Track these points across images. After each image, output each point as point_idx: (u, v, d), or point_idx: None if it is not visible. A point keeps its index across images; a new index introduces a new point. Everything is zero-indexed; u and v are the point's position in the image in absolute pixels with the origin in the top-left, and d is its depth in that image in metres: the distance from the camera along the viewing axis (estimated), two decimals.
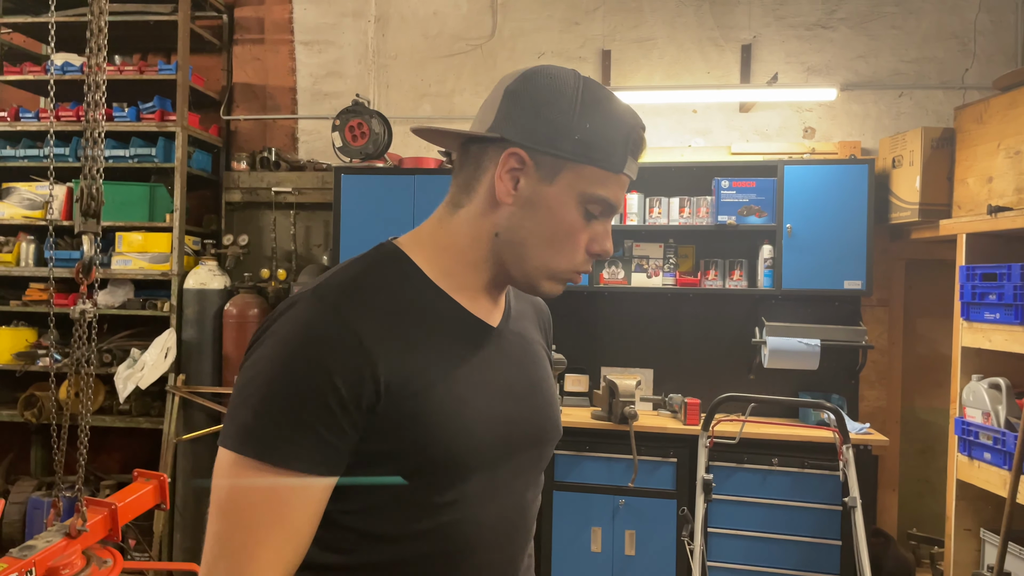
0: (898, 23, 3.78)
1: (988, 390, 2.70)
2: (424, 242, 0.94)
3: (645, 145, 0.91)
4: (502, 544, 0.93)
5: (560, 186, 0.87)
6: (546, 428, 1.00)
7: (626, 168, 0.88)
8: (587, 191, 0.87)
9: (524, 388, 0.97)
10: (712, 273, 3.65)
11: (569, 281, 0.94)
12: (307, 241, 4.20)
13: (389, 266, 0.91)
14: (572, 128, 0.86)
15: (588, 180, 0.87)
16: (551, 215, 0.88)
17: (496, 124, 0.88)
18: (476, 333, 0.93)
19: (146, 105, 3.98)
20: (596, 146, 0.86)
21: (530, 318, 1.09)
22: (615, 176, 0.88)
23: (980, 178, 2.93)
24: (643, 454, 3.27)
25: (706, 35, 3.95)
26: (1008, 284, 2.58)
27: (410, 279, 0.91)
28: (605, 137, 0.87)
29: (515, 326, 1.01)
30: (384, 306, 0.86)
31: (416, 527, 0.85)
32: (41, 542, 2.27)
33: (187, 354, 3.86)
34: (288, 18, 4.36)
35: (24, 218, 4.01)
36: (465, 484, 0.87)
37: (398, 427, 0.82)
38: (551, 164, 0.87)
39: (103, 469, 4.19)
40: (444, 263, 0.92)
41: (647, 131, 0.93)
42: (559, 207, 0.88)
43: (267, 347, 0.81)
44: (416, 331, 0.86)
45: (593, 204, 0.88)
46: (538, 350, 1.06)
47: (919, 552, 3.54)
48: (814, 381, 3.66)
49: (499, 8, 4.12)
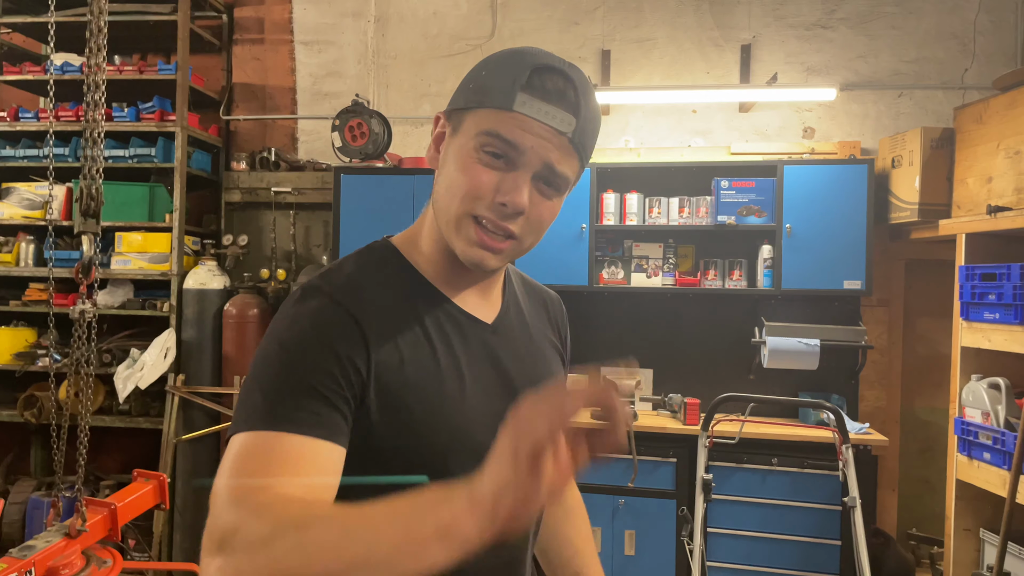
0: (898, 23, 3.78)
1: (988, 390, 2.69)
2: (415, 238, 0.96)
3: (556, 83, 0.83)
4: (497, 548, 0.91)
5: (461, 135, 0.87)
6: None
7: (517, 105, 0.82)
8: (478, 130, 0.85)
9: (523, 384, 0.96)
10: (712, 273, 3.65)
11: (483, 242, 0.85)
12: (307, 241, 4.20)
13: (382, 263, 0.93)
14: (471, 79, 0.89)
15: (481, 121, 0.85)
16: (453, 163, 0.87)
17: None
18: (468, 329, 0.93)
19: (146, 105, 3.98)
20: (488, 89, 0.85)
21: (540, 315, 1.08)
22: (509, 115, 0.83)
23: (980, 178, 2.93)
24: (643, 454, 3.27)
25: (706, 35, 3.95)
26: (1008, 284, 2.58)
27: (401, 276, 0.92)
28: (498, 79, 0.85)
29: (515, 322, 1.01)
30: (376, 300, 0.87)
31: None
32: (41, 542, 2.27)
33: (187, 354, 3.86)
34: (288, 18, 4.36)
35: (24, 218, 4.01)
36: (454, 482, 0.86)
37: (388, 421, 0.83)
38: (457, 118, 0.89)
39: (103, 469, 4.18)
40: (432, 256, 0.93)
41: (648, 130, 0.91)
42: (458, 153, 0.87)
43: (267, 340, 0.83)
44: (406, 326, 0.87)
45: (487, 143, 0.84)
46: (543, 347, 1.05)
47: (919, 552, 3.54)
48: (814, 381, 3.66)
49: (499, 8, 4.12)
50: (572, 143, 0.84)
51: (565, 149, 0.85)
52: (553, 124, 0.83)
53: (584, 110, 0.84)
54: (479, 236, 0.85)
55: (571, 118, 0.84)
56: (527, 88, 0.83)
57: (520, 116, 0.83)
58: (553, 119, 0.83)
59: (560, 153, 0.84)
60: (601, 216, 3.67)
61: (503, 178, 0.84)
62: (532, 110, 0.83)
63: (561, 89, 0.83)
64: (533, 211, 0.86)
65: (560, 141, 0.84)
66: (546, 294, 1.15)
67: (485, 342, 0.94)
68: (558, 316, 1.13)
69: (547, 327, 1.09)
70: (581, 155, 0.87)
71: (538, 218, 0.88)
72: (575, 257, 3.64)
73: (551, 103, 0.83)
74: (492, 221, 0.85)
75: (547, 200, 0.87)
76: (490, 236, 0.85)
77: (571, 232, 3.64)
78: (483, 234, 0.85)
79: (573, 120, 0.84)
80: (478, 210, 0.85)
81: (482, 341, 0.94)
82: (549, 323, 1.10)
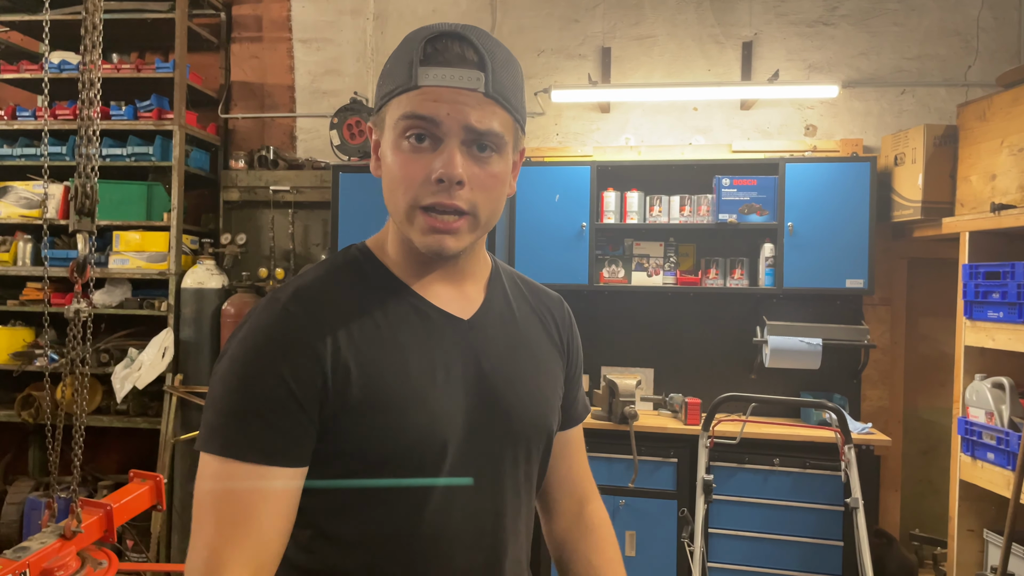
0: (900, 20, 3.75)
1: (991, 389, 2.67)
2: (383, 242, 0.96)
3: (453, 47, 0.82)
4: (471, 552, 0.90)
5: (386, 132, 0.87)
6: (522, 424, 0.95)
7: (421, 80, 0.82)
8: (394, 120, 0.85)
9: (499, 382, 0.93)
10: (713, 272, 3.63)
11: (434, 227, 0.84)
12: (305, 240, 4.18)
13: (351, 267, 0.93)
14: (380, 78, 0.89)
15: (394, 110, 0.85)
16: (385, 163, 0.88)
17: None
18: (442, 327, 0.91)
19: (143, 103, 3.96)
20: (391, 79, 0.86)
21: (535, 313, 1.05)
22: (416, 92, 0.82)
23: (983, 175, 2.90)
24: (643, 454, 3.25)
25: (707, 32, 3.93)
26: (1012, 282, 2.55)
27: (372, 277, 0.92)
28: (398, 65, 0.85)
29: (499, 318, 0.98)
30: (339, 308, 0.87)
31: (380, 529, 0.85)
32: (35, 543, 2.25)
33: (185, 354, 3.84)
34: (286, 16, 4.34)
35: (21, 217, 3.99)
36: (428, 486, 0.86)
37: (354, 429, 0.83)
38: (379, 120, 0.89)
39: (100, 470, 4.17)
40: (398, 257, 0.93)
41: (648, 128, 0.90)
42: (388, 152, 0.87)
43: (227, 354, 0.84)
44: (372, 328, 0.87)
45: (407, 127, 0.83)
46: (534, 344, 1.01)
47: (922, 553, 3.51)
48: (816, 381, 3.63)
49: (498, 5, 4.10)
50: (489, 96, 0.83)
51: (484, 105, 0.83)
52: (460, 84, 0.82)
53: (490, 61, 0.83)
54: (429, 222, 0.84)
55: (478, 73, 0.82)
56: (425, 61, 0.82)
57: (427, 89, 0.82)
58: (460, 80, 0.82)
59: (480, 111, 0.83)
60: (601, 214, 3.65)
61: (433, 157, 0.83)
62: (436, 79, 0.82)
63: (459, 51, 0.83)
64: (475, 178, 0.84)
65: (475, 99, 0.82)
66: (549, 296, 1.12)
67: (460, 338, 0.92)
68: (560, 318, 1.10)
69: (547, 328, 1.05)
70: (506, 105, 0.85)
71: (482, 183, 0.85)
72: (575, 256, 3.62)
73: (453, 66, 0.82)
74: (439, 204, 0.83)
75: (486, 163, 0.85)
76: (440, 219, 0.84)
77: (571, 231, 3.62)
78: (433, 219, 0.84)
79: (480, 74, 0.82)
80: (422, 198, 0.84)
81: (456, 337, 0.92)
82: (550, 324, 1.06)
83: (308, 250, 4.19)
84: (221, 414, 0.80)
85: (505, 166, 0.88)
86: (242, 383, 0.80)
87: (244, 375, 0.81)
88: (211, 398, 0.82)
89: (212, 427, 0.80)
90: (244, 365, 0.81)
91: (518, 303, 1.03)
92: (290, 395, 0.80)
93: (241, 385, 0.80)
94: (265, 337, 0.82)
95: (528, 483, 0.98)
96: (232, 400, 0.80)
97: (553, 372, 1.04)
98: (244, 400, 0.80)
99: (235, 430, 0.79)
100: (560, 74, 4.05)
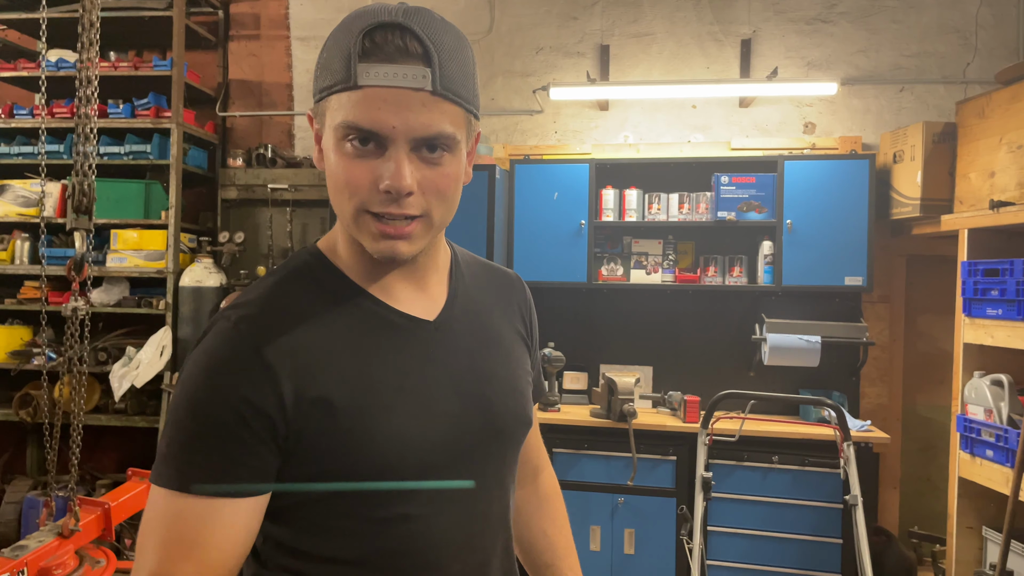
0: (899, 17, 3.75)
1: (990, 387, 2.67)
2: (334, 243, 0.89)
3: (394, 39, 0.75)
4: (464, 554, 0.88)
5: (326, 131, 0.80)
6: (505, 421, 0.92)
7: (361, 79, 0.74)
8: (335, 122, 0.77)
9: (476, 380, 0.90)
10: (712, 269, 3.63)
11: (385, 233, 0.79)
12: (304, 238, 4.17)
13: (303, 274, 0.87)
14: (318, 67, 0.81)
15: (336, 111, 0.77)
16: (328, 163, 0.81)
17: None
18: (407, 332, 0.87)
19: (141, 102, 3.95)
20: (330, 70, 0.78)
21: (495, 301, 1.01)
22: (358, 93, 0.75)
23: (982, 173, 2.90)
24: (642, 452, 3.25)
25: (705, 30, 3.92)
26: (1011, 280, 2.55)
27: (326, 283, 0.86)
28: (335, 57, 0.77)
29: (464, 314, 0.94)
30: (294, 320, 0.81)
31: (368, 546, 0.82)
32: (33, 542, 2.25)
33: (183, 352, 3.83)
34: (284, 14, 4.33)
35: (19, 215, 3.99)
36: (412, 496, 0.83)
37: (317, 446, 0.78)
38: (319, 113, 0.82)
39: (99, 468, 4.16)
40: (351, 259, 0.87)
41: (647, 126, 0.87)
42: (328, 151, 0.80)
43: (181, 376, 0.80)
44: (333, 342, 0.82)
45: (347, 135, 0.77)
46: (500, 335, 0.98)
47: (921, 550, 3.51)
48: (814, 378, 3.63)
49: (497, 3, 4.09)
50: (437, 94, 0.76)
51: (432, 105, 0.76)
52: (405, 84, 0.75)
53: (438, 53, 0.76)
54: (379, 228, 0.79)
55: (424, 69, 0.75)
56: (365, 56, 0.75)
57: (368, 90, 0.75)
58: (404, 79, 0.75)
59: (429, 112, 0.76)
60: (600, 212, 3.64)
61: (378, 164, 0.77)
62: (377, 78, 0.74)
63: (400, 43, 0.75)
64: (428, 183, 0.79)
65: (422, 98, 0.75)
66: (507, 277, 1.07)
67: (426, 342, 0.88)
68: (521, 300, 1.06)
69: (510, 313, 1.02)
70: (456, 100, 0.78)
71: (436, 188, 0.79)
72: (574, 254, 3.62)
73: (395, 62, 0.75)
74: (388, 213, 0.78)
75: (438, 165, 0.79)
76: (390, 225, 0.78)
77: (570, 228, 3.62)
78: (383, 225, 0.79)
79: (427, 70, 0.75)
80: (369, 205, 0.78)
81: (422, 341, 0.87)
82: (512, 308, 1.03)
83: None
84: (172, 444, 0.76)
85: (458, 164, 0.82)
86: (191, 412, 0.76)
87: (193, 403, 0.76)
88: (167, 429, 0.78)
89: (163, 458, 0.76)
90: (194, 391, 0.76)
91: (481, 294, 0.99)
92: (241, 423, 0.75)
93: (190, 414, 0.76)
94: (214, 360, 0.77)
95: (511, 474, 0.97)
96: (183, 432, 0.76)
97: (522, 361, 1.01)
98: (196, 432, 0.75)
99: (184, 461, 0.75)
100: (558, 72, 4.05)
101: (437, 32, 0.77)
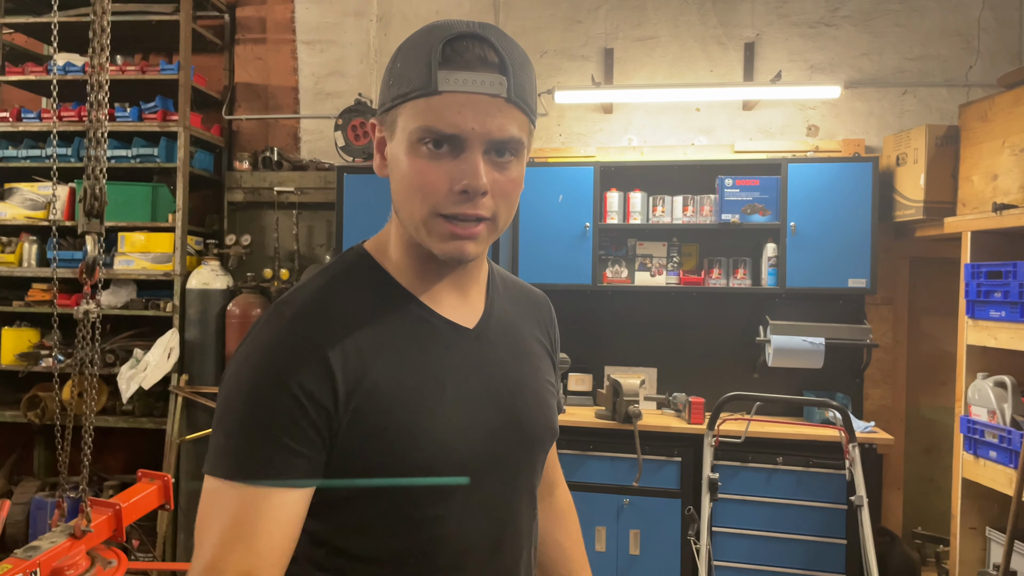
0: (902, 21, 3.77)
1: (994, 388, 2.69)
2: (387, 241, 0.92)
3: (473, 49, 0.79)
4: (494, 557, 0.90)
5: (397, 136, 0.84)
6: (535, 431, 0.95)
7: (442, 85, 0.78)
8: (411, 127, 0.81)
9: (508, 390, 0.93)
10: (716, 272, 3.64)
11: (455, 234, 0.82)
12: (310, 241, 4.19)
13: (353, 275, 0.90)
14: (389, 74, 0.85)
15: (412, 116, 0.81)
16: (399, 167, 0.84)
17: None
18: (449, 338, 0.90)
19: (148, 105, 3.97)
20: (406, 80, 0.81)
21: (525, 315, 1.04)
22: (437, 99, 0.79)
23: (985, 175, 2.92)
24: (647, 453, 3.26)
25: (709, 33, 3.94)
26: (1014, 282, 2.57)
27: (374, 286, 0.89)
28: (412, 67, 0.81)
29: (499, 325, 0.97)
30: (346, 319, 0.84)
31: (402, 545, 0.84)
32: (45, 543, 2.26)
33: (190, 354, 3.85)
34: (290, 18, 4.36)
35: (27, 218, 4.01)
36: (448, 498, 0.85)
37: (365, 444, 0.81)
38: (389, 120, 0.85)
39: (106, 470, 4.18)
40: (402, 262, 0.90)
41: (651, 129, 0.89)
42: (401, 156, 0.83)
43: (233, 369, 0.81)
44: (380, 340, 0.84)
45: (423, 138, 0.80)
46: (530, 347, 1.01)
47: (924, 551, 3.53)
48: (818, 380, 3.65)
49: (501, 7, 4.12)
50: (510, 101, 0.81)
51: (505, 111, 0.81)
52: (484, 91, 0.79)
53: (511, 64, 0.81)
54: (451, 229, 0.82)
55: (500, 77, 0.80)
56: (445, 64, 0.79)
57: (448, 96, 0.79)
58: (482, 85, 0.79)
59: (502, 118, 0.81)
60: (605, 215, 3.66)
61: (453, 165, 0.81)
62: (458, 84, 0.79)
63: (480, 53, 0.80)
64: (496, 185, 0.83)
65: (497, 104, 0.80)
66: (534, 294, 1.11)
67: (466, 349, 0.91)
68: (547, 317, 1.10)
69: (536, 328, 1.05)
70: (524, 109, 0.83)
71: (503, 190, 0.84)
72: (579, 256, 3.63)
73: (475, 70, 0.79)
74: (462, 214, 0.81)
75: (506, 169, 0.84)
76: (461, 226, 0.82)
77: (574, 231, 3.64)
78: (453, 226, 0.82)
79: (503, 78, 0.80)
80: (443, 207, 0.81)
81: (463, 348, 0.90)
82: (538, 324, 1.06)
83: (312, 251, 4.20)
84: (231, 436, 0.78)
85: (522, 169, 0.87)
86: (251, 403, 0.78)
87: (251, 395, 0.78)
88: (218, 419, 0.80)
89: (219, 450, 0.78)
90: (253, 383, 0.78)
91: (513, 306, 1.03)
92: (302, 412, 0.77)
93: (249, 405, 0.78)
94: (271, 353, 0.79)
95: (537, 484, 1.00)
96: (244, 423, 0.77)
97: (548, 374, 1.04)
98: (257, 421, 0.77)
99: (247, 453, 0.77)
100: (563, 75, 4.07)
101: (509, 46, 0.83)
